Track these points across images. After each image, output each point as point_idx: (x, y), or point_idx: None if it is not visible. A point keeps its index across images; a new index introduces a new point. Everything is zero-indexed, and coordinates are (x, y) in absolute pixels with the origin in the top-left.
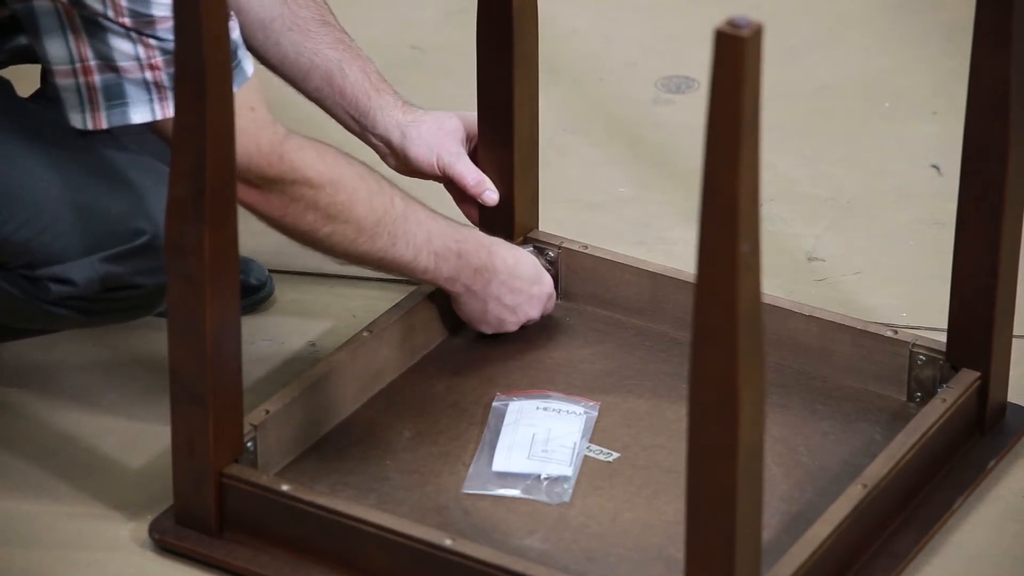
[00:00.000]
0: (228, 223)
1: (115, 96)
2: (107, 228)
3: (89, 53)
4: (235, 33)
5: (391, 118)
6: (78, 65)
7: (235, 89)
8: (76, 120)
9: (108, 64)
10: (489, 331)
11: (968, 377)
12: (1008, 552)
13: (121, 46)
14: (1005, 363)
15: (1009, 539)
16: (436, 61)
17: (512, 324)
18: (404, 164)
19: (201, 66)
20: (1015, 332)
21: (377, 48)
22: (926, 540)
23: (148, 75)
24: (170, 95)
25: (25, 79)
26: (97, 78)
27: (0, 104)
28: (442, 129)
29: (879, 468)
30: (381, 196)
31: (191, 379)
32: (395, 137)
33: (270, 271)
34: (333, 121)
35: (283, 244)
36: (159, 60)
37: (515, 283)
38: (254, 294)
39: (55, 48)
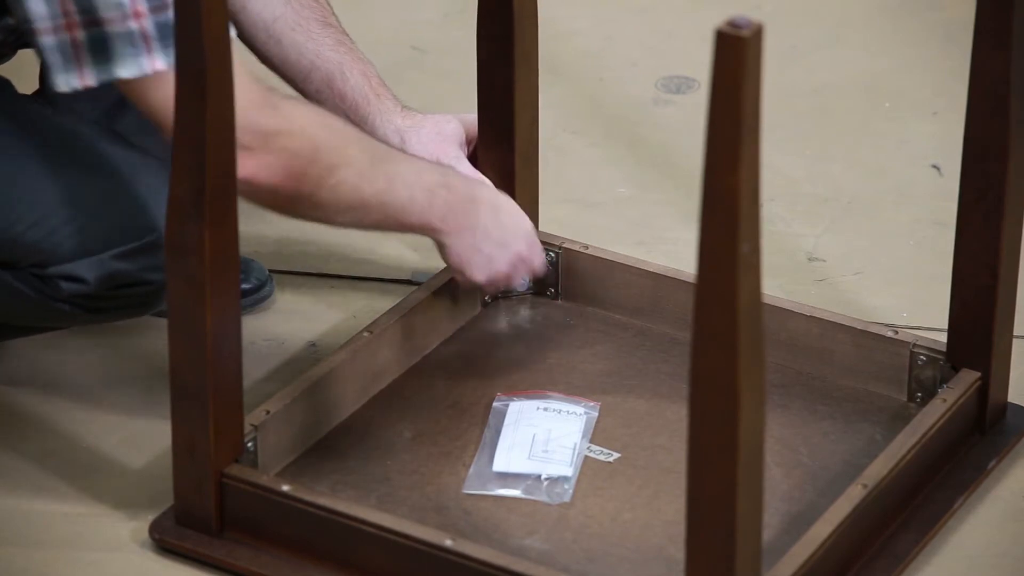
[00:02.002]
0: (228, 222)
1: (100, 51)
2: (116, 227)
3: (72, 7)
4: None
5: (390, 123)
6: (61, 21)
7: None
8: (61, 82)
9: (91, 17)
10: (481, 277)
11: (968, 377)
12: (1008, 553)
13: None
14: (1005, 363)
15: (1009, 539)
16: (436, 61)
17: (503, 263)
18: None
19: (201, 66)
20: (1015, 332)
21: (377, 48)
22: (926, 540)
23: (133, 24)
24: (156, 46)
25: (26, 80)
26: (81, 33)
27: (2, 105)
28: (441, 134)
29: (879, 468)
30: (367, 138)
31: (191, 379)
32: (394, 142)
33: (270, 271)
34: None
35: (283, 244)
36: (143, 6)
37: (500, 216)
38: (254, 294)
39: (36, 4)
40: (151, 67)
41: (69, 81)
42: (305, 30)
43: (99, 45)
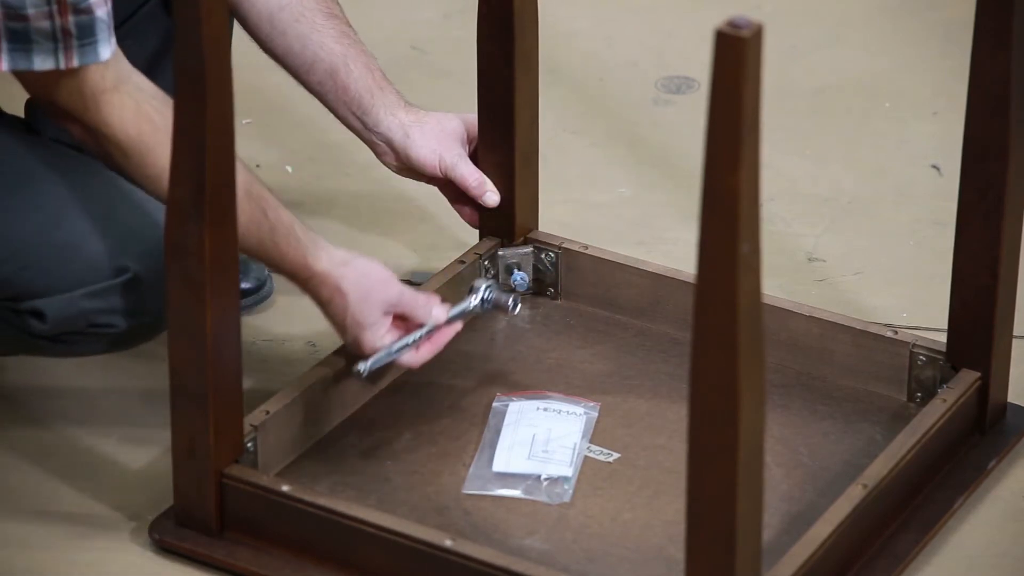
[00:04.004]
0: (228, 222)
1: (19, 41)
2: (89, 265)
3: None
4: (100, 11)
5: (394, 117)
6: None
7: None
8: None
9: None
10: (356, 349)
11: (968, 377)
12: (1008, 553)
13: None
14: (1005, 363)
15: (1009, 540)
16: (436, 61)
17: (367, 334)
18: (405, 164)
19: (201, 66)
20: (1015, 332)
21: (377, 48)
22: (926, 540)
23: (57, 23)
24: (74, 43)
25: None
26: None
27: None
28: (444, 130)
29: (879, 468)
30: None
31: (191, 379)
32: (397, 137)
33: (270, 271)
34: (331, 118)
35: None
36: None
37: (335, 302)
38: (254, 294)
39: None
40: (66, 63)
41: None
42: (309, 21)
43: (19, 36)
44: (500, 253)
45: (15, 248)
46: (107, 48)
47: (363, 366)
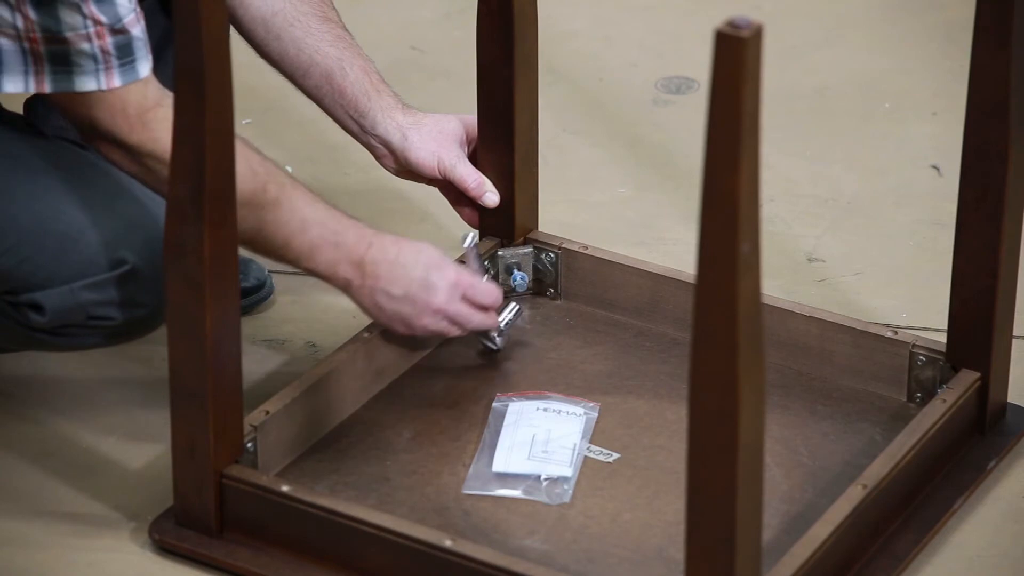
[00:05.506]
0: (228, 223)
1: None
2: (87, 257)
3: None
4: (136, 29)
5: (392, 120)
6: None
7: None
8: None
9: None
10: (405, 331)
11: (968, 378)
12: (1008, 553)
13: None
14: (1005, 364)
15: (1009, 540)
16: (436, 61)
17: (417, 319)
18: (404, 166)
19: (200, 66)
20: (1015, 332)
21: (377, 48)
22: (926, 540)
23: (95, 45)
24: (115, 63)
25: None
26: (43, 47)
27: None
28: (443, 132)
29: (879, 469)
30: (252, 182)
31: (191, 379)
32: (395, 139)
33: (270, 271)
34: (330, 121)
35: None
36: (38, 34)
37: (398, 273)
38: (254, 294)
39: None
40: (108, 83)
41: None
42: (304, 25)
43: (60, 59)
44: (500, 253)
45: (13, 241)
46: (146, 66)
47: (499, 340)
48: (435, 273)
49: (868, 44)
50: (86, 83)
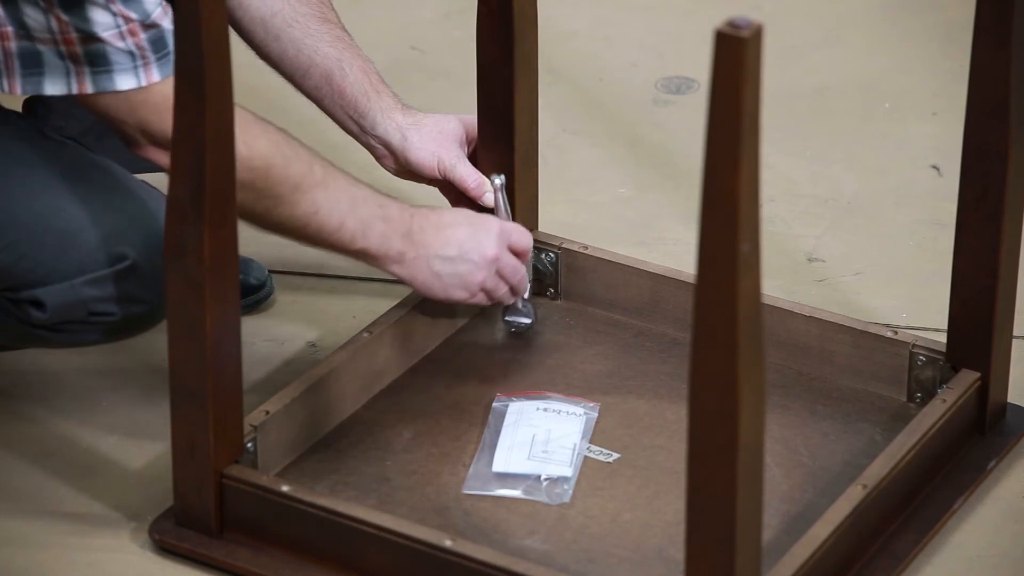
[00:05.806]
0: (228, 223)
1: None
2: (87, 253)
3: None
4: (165, 22)
5: (391, 120)
6: (59, 35)
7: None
8: (50, 87)
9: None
10: (464, 294)
11: (968, 378)
12: (1008, 553)
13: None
14: (1005, 364)
15: (1009, 540)
16: (436, 61)
17: (472, 278)
18: (404, 167)
19: (201, 66)
20: (1015, 332)
21: (377, 48)
22: (926, 541)
23: (129, 42)
24: (152, 58)
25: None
26: (80, 48)
27: None
28: (443, 132)
29: (879, 469)
30: (298, 163)
31: (191, 379)
32: (395, 140)
33: (270, 271)
34: (330, 121)
35: (283, 244)
36: (73, 35)
37: (446, 234)
38: (254, 294)
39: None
40: (147, 79)
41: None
42: (303, 26)
43: (97, 58)
44: None
45: (13, 238)
46: None
47: (525, 308)
48: (479, 224)
49: (868, 44)
50: (126, 80)
